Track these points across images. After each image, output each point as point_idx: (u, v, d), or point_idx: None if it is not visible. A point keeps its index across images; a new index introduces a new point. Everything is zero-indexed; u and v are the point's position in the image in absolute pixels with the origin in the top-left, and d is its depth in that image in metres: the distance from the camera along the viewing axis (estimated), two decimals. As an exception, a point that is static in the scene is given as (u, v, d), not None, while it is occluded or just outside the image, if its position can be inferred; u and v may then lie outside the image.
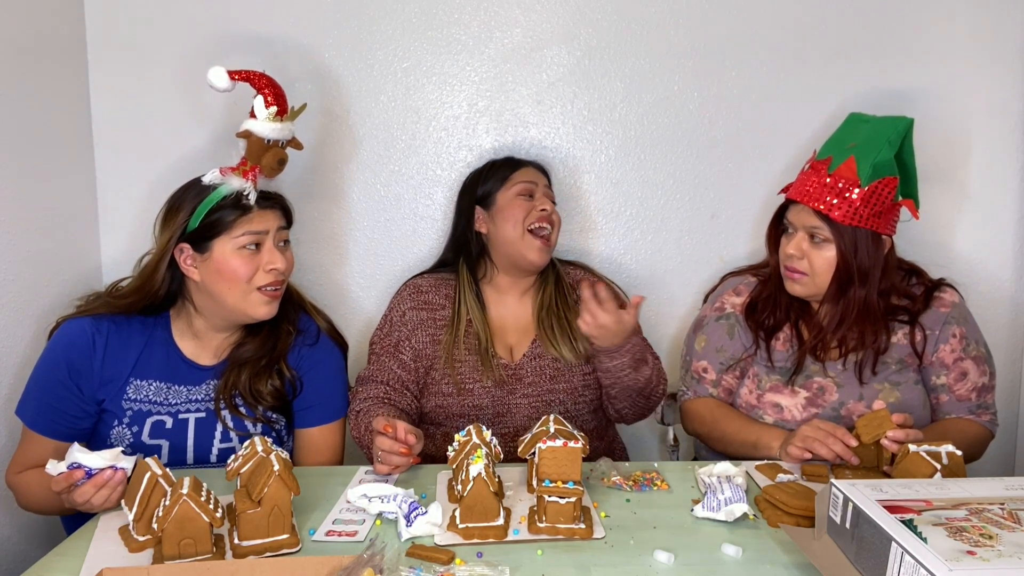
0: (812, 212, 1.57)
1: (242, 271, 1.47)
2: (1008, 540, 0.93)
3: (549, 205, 1.74)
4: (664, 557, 1.13)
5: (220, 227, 1.46)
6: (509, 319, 1.78)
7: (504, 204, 1.74)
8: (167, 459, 1.50)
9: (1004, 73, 1.95)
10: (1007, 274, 2.03)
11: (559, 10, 1.94)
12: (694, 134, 1.98)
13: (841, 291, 1.60)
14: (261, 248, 1.49)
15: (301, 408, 1.60)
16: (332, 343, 1.66)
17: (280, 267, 1.50)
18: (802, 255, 1.60)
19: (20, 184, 1.65)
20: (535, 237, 1.71)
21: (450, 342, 1.70)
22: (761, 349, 1.69)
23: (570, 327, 1.74)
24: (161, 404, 1.52)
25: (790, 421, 1.64)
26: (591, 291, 1.52)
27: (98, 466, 1.24)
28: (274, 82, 1.54)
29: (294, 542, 1.16)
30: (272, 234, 1.50)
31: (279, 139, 1.53)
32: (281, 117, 1.53)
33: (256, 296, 1.49)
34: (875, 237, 1.57)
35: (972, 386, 1.66)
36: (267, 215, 1.50)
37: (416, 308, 1.74)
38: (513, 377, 1.71)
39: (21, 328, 1.66)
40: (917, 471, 1.28)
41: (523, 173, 1.77)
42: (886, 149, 1.55)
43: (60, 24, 1.81)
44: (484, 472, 1.19)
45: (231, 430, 1.52)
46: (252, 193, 1.47)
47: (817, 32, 1.94)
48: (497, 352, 1.73)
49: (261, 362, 1.55)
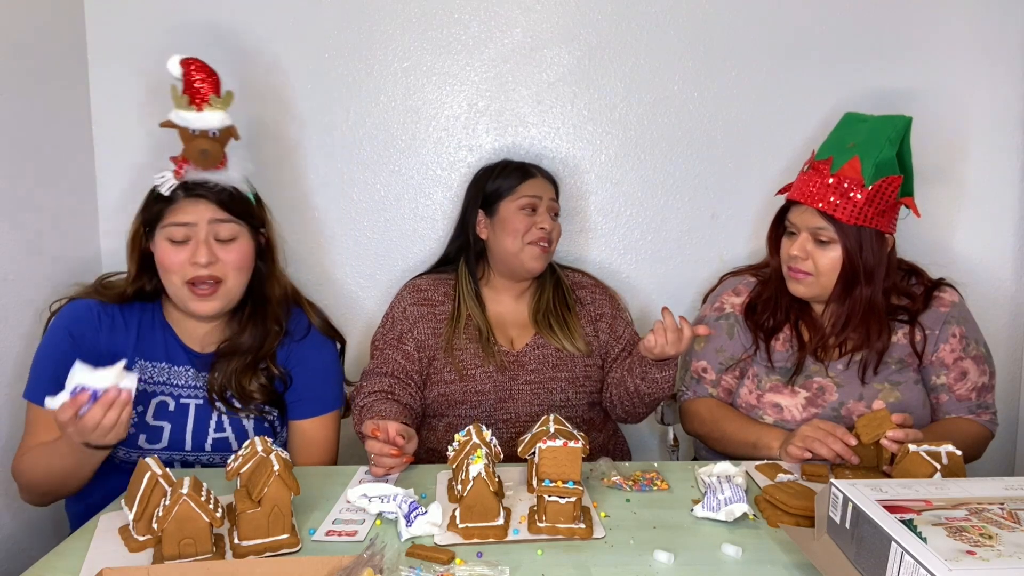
0: (816, 213, 1.56)
1: (167, 262, 1.46)
2: (1008, 540, 0.93)
3: (549, 223, 1.76)
4: (664, 557, 1.13)
5: (156, 217, 1.48)
6: (507, 316, 1.81)
7: (507, 216, 1.76)
8: (167, 442, 1.50)
9: (1004, 73, 1.95)
10: (1007, 274, 2.03)
11: (559, 10, 1.94)
12: (694, 134, 1.98)
13: (847, 291, 1.59)
14: (191, 241, 1.47)
15: (293, 400, 1.60)
16: (323, 337, 1.65)
17: (202, 260, 1.45)
18: (806, 256, 1.59)
19: (20, 183, 1.65)
20: (534, 246, 1.74)
21: (450, 333, 1.73)
22: (761, 350, 1.69)
23: (568, 326, 1.78)
24: (164, 384, 1.53)
25: (790, 421, 1.64)
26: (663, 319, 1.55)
27: (103, 386, 1.22)
28: (203, 67, 1.51)
29: (294, 542, 1.16)
30: (203, 226, 1.46)
31: (203, 128, 1.49)
32: (199, 106, 1.49)
33: (185, 291, 1.47)
34: (879, 236, 1.58)
35: (972, 386, 1.66)
36: (196, 206, 1.46)
37: (416, 304, 1.76)
38: (515, 364, 1.74)
39: (21, 327, 1.66)
40: (917, 471, 1.28)
41: (530, 186, 1.78)
42: (888, 148, 1.55)
43: (60, 24, 1.81)
44: (484, 472, 1.19)
45: (224, 415, 1.53)
46: (167, 184, 1.46)
47: (817, 32, 1.94)
48: (498, 341, 1.76)
49: (246, 359, 1.54)
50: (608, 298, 1.86)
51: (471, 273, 1.80)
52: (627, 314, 1.88)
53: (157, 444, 1.51)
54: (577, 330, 1.78)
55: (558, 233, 1.80)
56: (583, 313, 1.82)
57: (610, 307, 1.84)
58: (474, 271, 1.81)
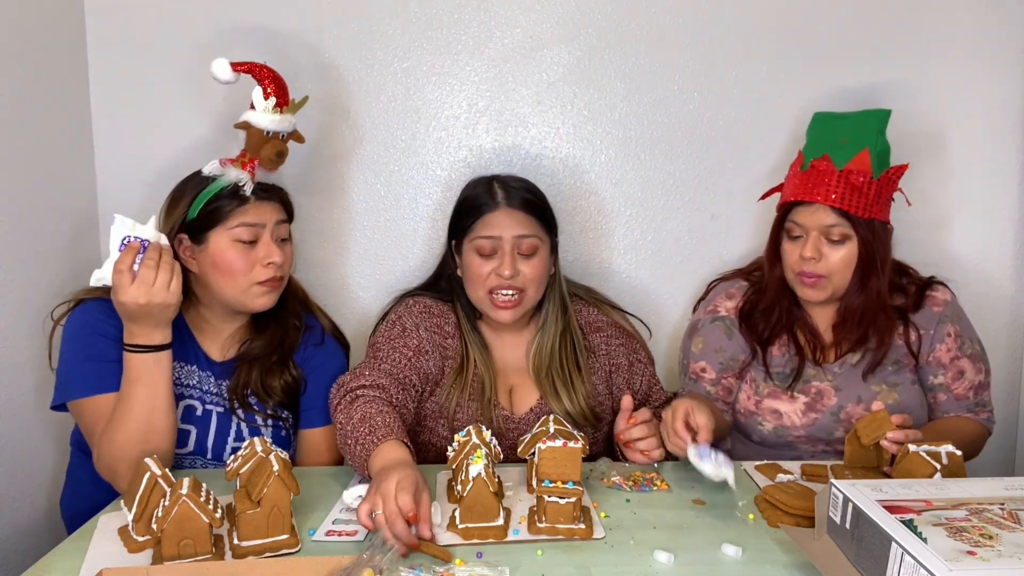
0: (829, 210, 1.54)
1: (237, 265, 1.46)
2: (1008, 540, 0.93)
3: (510, 268, 1.50)
4: (664, 557, 1.13)
5: (217, 218, 1.45)
6: (510, 360, 1.65)
7: (466, 261, 1.57)
8: (192, 446, 1.50)
9: (1004, 73, 1.95)
10: (1007, 274, 2.03)
11: (559, 10, 1.94)
12: (694, 134, 1.98)
13: (863, 284, 1.58)
14: (258, 242, 1.48)
15: (305, 408, 1.60)
16: (337, 344, 1.67)
17: (278, 261, 1.48)
18: (820, 257, 1.56)
19: (20, 183, 1.65)
20: (495, 299, 1.53)
21: (452, 385, 1.58)
22: (757, 359, 1.68)
23: (574, 388, 1.59)
24: (193, 388, 1.53)
25: (789, 427, 1.64)
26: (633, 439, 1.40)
27: (149, 236, 1.30)
28: (276, 73, 1.53)
29: (294, 542, 1.16)
30: (270, 227, 1.49)
31: (278, 131, 1.51)
32: (281, 109, 1.52)
33: (255, 289, 1.48)
34: (884, 226, 1.58)
35: (969, 384, 1.66)
36: (264, 207, 1.48)
37: (430, 331, 1.60)
38: (514, 431, 1.59)
39: (21, 328, 1.65)
40: (917, 471, 1.28)
41: (487, 223, 1.54)
42: (881, 138, 1.57)
43: (60, 23, 1.81)
44: (484, 472, 1.19)
45: (243, 422, 1.53)
46: (248, 184, 1.47)
47: (817, 32, 1.94)
48: (499, 401, 1.60)
49: (272, 358, 1.55)
50: (625, 340, 1.68)
51: (468, 313, 1.64)
52: (644, 355, 1.71)
53: (183, 448, 1.50)
54: (584, 392, 1.59)
55: (534, 274, 1.53)
56: (596, 366, 1.64)
57: (626, 354, 1.67)
58: (471, 310, 1.64)
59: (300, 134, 1.58)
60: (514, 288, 1.53)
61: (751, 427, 1.68)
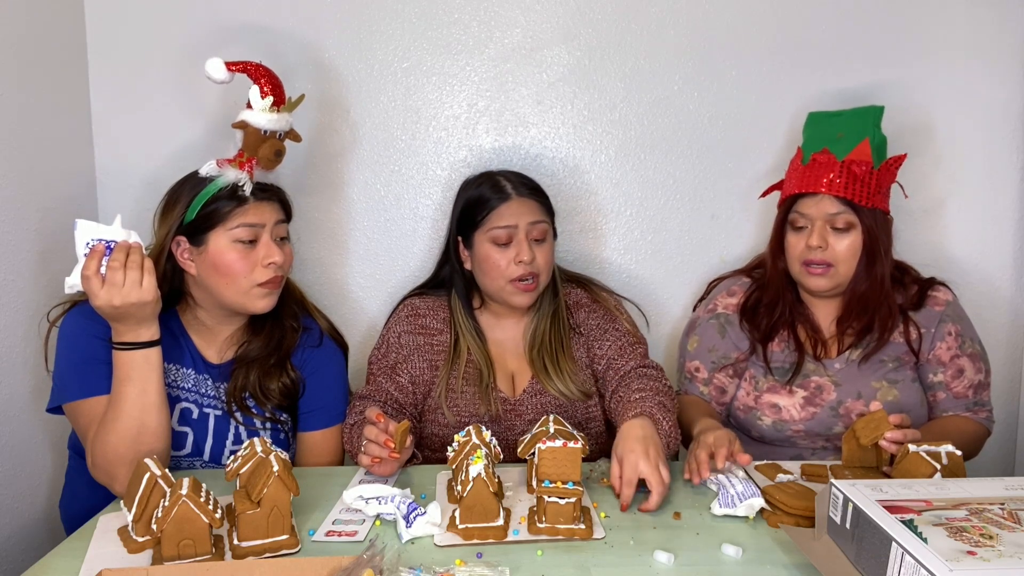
0: (833, 199, 1.57)
1: (238, 266, 1.45)
2: (1008, 540, 0.93)
3: (528, 254, 1.57)
4: (664, 557, 1.13)
5: (216, 219, 1.44)
6: (508, 344, 1.71)
7: (481, 253, 1.62)
8: (190, 448, 1.50)
9: (1004, 73, 1.95)
10: (1006, 274, 2.03)
11: (559, 10, 1.94)
12: (694, 134, 1.98)
13: (868, 271, 1.60)
14: (258, 242, 1.47)
15: (304, 411, 1.59)
16: (335, 345, 1.65)
17: (278, 261, 1.47)
18: (826, 246, 1.58)
19: (20, 183, 1.65)
20: (518, 285, 1.60)
21: (448, 372, 1.64)
22: (758, 353, 1.69)
23: (559, 366, 1.64)
24: (190, 391, 1.52)
25: (788, 421, 1.64)
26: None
27: (114, 237, 1.28)
28: (271, 72, 1.53)
29: (294, 543, 1.16)
30: (269, 227, 1.48)
31: (276, 130, 1.50)
32: (278, 108, 1.51)
33: (256, 291, 1.47)
34: (884, 215, 1.61)
35: (969, 383, 1.66)
36: (264, 207, 1.48)
37: (412, 332, 1.67)
38: (512, 412, 1.65)
39: (20, 328, 1.65)
40: (917, 471, 1.28)
41: (501, 215, 1.60)
42: (878, 131, 1.60)
43: (60, 24, 1.81)
44: (484, 472, 1.19)
45: (241, 425, 1.52)
46: (248, 184, 1.46)
47: (816, 33, 1.94)
48: (498, 385, 1.66)
49: (269, 360, 1.54)
50: (604, 313, 1.71)
51: (466, 304, 1.69)
52: (624, 327, 1.70)
53: (180, 451, 1.50)
54: (570, 371, 1.65)
55: (545, 262, 1.61)
56: (580, 344, 1.69)
57: (600, 323, 1.69)
58: (469, 300, 1.70)
59: (297, 133, 1.58)
60: (531, 274, 1.60)
61: (750, 422, 1.69)
